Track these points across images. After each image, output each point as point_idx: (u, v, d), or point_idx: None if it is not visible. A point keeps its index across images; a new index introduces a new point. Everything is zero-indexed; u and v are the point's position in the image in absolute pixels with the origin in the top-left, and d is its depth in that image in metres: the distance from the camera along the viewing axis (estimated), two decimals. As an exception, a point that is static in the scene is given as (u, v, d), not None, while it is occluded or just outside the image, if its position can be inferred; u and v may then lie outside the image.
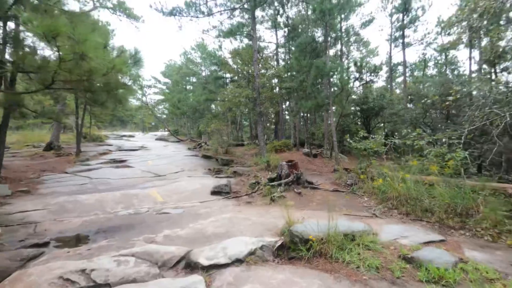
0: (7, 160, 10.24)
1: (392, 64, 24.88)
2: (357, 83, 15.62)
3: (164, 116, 46.98)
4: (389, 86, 26.97)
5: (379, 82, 30.79)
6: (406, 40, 21.45)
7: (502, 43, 22.36)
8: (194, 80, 35.14)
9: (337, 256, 3.30)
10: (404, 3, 18.32)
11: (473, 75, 21.31)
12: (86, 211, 5.81)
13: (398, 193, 5.38)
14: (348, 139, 8.13)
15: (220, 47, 25.30)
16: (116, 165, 11.86)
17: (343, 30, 18.92)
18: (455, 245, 3.69)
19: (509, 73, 21.73)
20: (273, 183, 7.26)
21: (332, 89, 11.86)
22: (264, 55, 21.45)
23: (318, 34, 13.90)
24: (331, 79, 11.64)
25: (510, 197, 5.74)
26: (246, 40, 22.90)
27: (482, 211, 4.26)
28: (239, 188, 8.40)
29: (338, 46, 21.69)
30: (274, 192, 6.82)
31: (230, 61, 19.42)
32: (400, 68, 28.26)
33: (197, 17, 12.53)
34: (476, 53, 23.02)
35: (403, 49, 19.80)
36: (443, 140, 6.38)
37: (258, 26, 22.57)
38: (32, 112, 7.39)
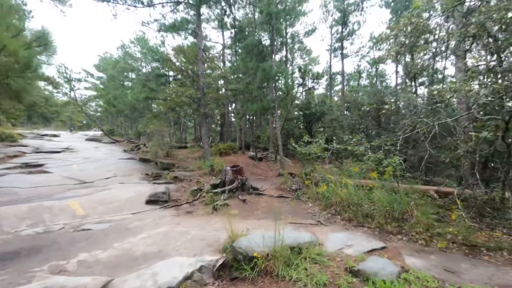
0: None
1: (331, 73, 26.53)
2: (300, 89, 16.09)
3: (98, 114, 42.58)
4: (328, 93, 28.75)
5: (320, 89, 32.71)
6: (344, 51, 23.15)
7: (421, 61, 25.54)
8: (133, 76, 32.42)
9: (283, 274, 3.02)
10: (343, 17, 19.68)
11: (398, 87, 23.98)
12: (-26, 233, 4.53)
13: (341, 199, 5.43)
14: (293, 144, 8.12)
15: (163, 42, 23.75)
16: (28, 171, 9.93)
17: (288, 37, 19.42)
18: (395, 252, 3.75)
19: (425, 87, 24.98)
20: (216, 190, 6.79)
21: (277, 93, 11.91)
22: (210, 55, 20.84)
23: (265, 38, 13.93)
24: (277, 83, 11.69)
25: (434, 199, 6.30)
26: (191, 38, 21.94)
27: (416, 215, 4.48)
28: (179, 196, 7.71)
29: (283, 52, 22.24)
30: (217, 200, 6.36)
31: (174, 59, 18.28)
32: (339, 77, 30.44)
33: (135, 6, 11.34)
34: (400, 68, 26.03)
35: (342, 59, 21.27)
36: (374, 145, 6.68)
37: (204, 25, 21.91)
38: None
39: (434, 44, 23.31)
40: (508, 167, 5.00)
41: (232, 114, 26.02)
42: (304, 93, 23.85)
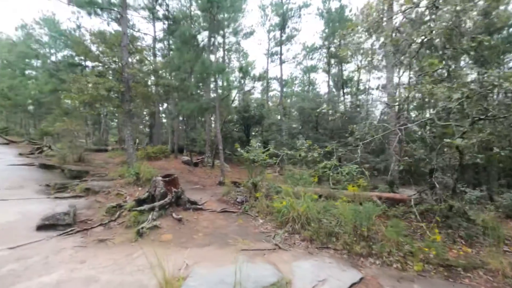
0: None
1: (268, 77, 26.67)
2: (240, 89, 15.28)
3: (-11, 108, 34.27)
4: (264, 98, 28.87)
5: (255, 94, 32.83)
6: (282, 57, 23.46)
7: (346, 72, 27.54)
8: (39, 64, 26.81)
9: None
10: (283, 21, 19.77)
11: (326, 95, 25.41)
12: None
13: (298, 214, 4.63)
14: (238, 148, 7.13)
15: (79, 26, 20.19)
16: None
17: (229, 31, 18.47)
18: (375, 283, 3.06)
19: (351, 96, 27.13)
20: (142, 207, 5.27)
21: (218, 92, 10.78)
22: (139, 46, 18.43)
23: (203, 29, 12.66)
24: (217, 81, 10.57)
25: (379, 205, 6.03)
26: (115, 26, 19.16)
27: (384, 232, 3.95)
28: (91, 215, 5.90)
29: (220, 53, 21.29)
30: (144, 221, 4.88)
31: (92, 45, 15.40)
32: (273, 82, 30.87)
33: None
34: (328, 78, 27.89)
35: (281, 63, 21.33)
36: (328, 150, 6.18)
37: (132, 13, 19.29)
38: None
39: (359, 57, 25.41)
40: (458, 175, 4.95)
41: (164, 115, 23.77)
42: (241, 95, 23.27)
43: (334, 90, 25.91)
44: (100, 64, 14.34)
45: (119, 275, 3.17)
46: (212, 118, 17.50)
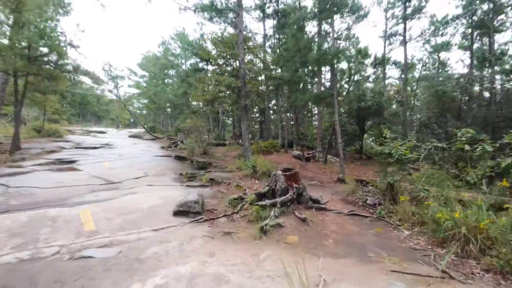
0: None
1: (385, 62, 23.39)
2: (357, 77, 13.68)
3: (144, 112, 43.99)
4: (381, 85, 25.57)
5: (368, 83, 29.50)
6: (401, 38, 19.93)
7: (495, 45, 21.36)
8: (173, 73, 32.34)
9: None
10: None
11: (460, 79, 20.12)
12: None
13: (470, 230, 3.29)
14: (370, 141, 6.05)
15: (202, 35, 22.86)
16: (58, 168, 9.19)
17: (340, 21, 17.02)
18: None
19: (506, 75, 20.70)
20: (264, 202, 5.00)
21: (336, 79, 9.81)
22: (251, 46, 19.36)
23: (310, 26, 11.85)
24: (335, 67, 9.59)
25: None
26: (230, 30, 20.75)
27: None
28: (215, 204, 6.12)
29: (327, 43, 19.97)
30: (266, 217, 4.58)
31: (212, 50, 17.09)
32: (392, 67, 26.89)
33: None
34: (465, 56, 22.35)
35: (404, 43, 18.14)
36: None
37: (244, 15, 20.45)
38: None
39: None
40: None
41: (272, 111, 24.40)
42: (354, 84, 21.33)
43: (474, 70, 20.51)
44: (218, 67, 15.74)
45: (248, 279, 2.84)
46: (324, 111, 16.56)
